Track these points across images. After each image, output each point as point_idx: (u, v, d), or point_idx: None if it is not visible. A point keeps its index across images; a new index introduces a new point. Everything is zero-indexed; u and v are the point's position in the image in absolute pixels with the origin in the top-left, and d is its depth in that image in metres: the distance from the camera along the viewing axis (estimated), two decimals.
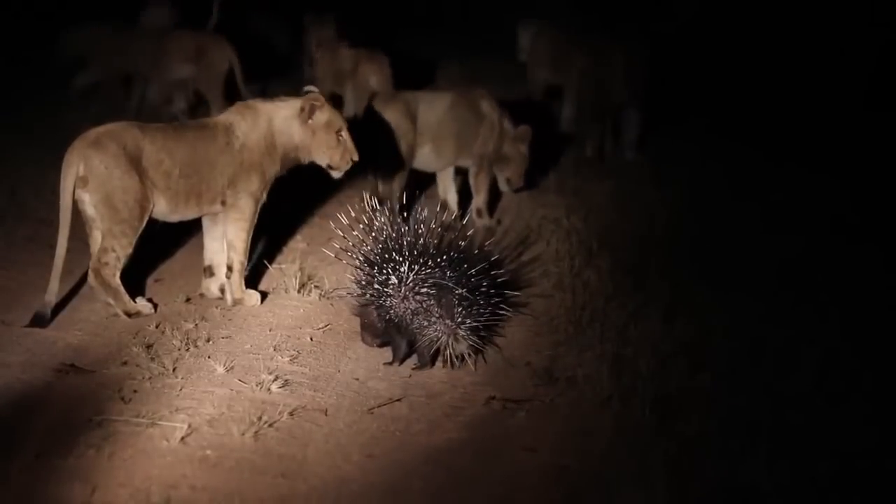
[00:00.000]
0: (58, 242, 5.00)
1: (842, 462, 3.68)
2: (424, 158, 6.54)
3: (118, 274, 5.06)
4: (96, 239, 5.06)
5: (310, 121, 5.23)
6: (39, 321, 5.00)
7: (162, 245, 6.38)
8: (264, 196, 5.34)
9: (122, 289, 5.08)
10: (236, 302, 5.31)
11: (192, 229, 6.62)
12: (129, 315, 5.09)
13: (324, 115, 5.25)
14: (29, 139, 8.06)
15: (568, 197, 6.81)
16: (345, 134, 5.27)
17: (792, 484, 3.59)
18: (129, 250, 5.08)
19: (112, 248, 5.02)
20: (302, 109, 5.24)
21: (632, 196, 6.73)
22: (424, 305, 4.47)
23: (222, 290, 5.39)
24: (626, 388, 4.25)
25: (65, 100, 9.18)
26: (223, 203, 5.26)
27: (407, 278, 4.45)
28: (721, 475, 3.66)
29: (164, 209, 5.18)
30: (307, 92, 5.38)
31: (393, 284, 4.47)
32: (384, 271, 4.47)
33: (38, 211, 6.81)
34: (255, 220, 5.36)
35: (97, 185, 4.97)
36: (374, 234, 4.57)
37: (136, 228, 5.06)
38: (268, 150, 5.28)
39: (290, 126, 5.28)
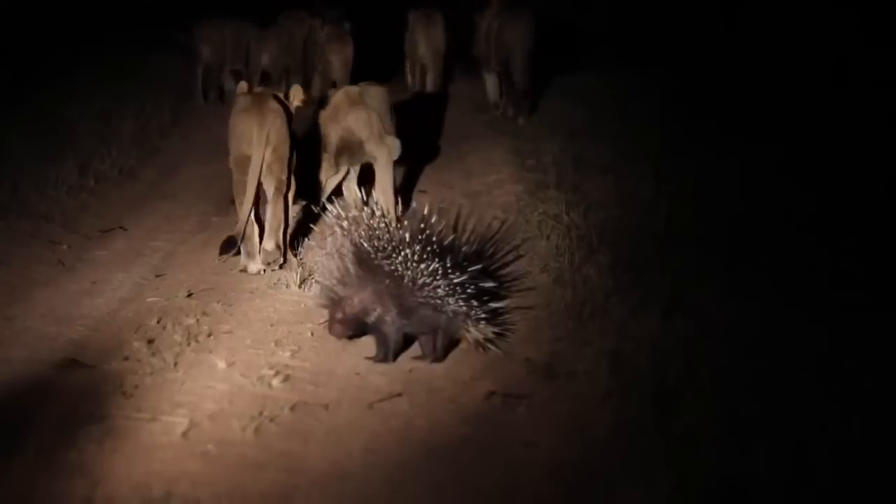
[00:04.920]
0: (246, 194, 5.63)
1: (842, 459, 3.69)
2: None
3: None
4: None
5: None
6: (229, 247, 5.63)
7: (163, 242, 6.40)
8: None
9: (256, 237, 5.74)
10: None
11: (192, 228, 6.65)
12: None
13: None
14: (30, 136, 8.08)
15: (568, 192, 6.81)
16: None
17: (791, 479, 3.59)
18: None
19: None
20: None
21: (632, 192, 6.72)
22: (459, 301, 4.47)
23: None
24: (626, 384, 4.25)
25: (65, 97, 9.20)
26: None
27: (444, 275, 4.43)
28: (721, 470, 3.66)
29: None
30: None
31: (434, 284, 4.44)
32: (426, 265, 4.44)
33: (39, 207, 6.84)
34: None
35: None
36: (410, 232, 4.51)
37: None
38: None
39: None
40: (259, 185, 5.67)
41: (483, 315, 4.53)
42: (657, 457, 3.72)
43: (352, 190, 6.52)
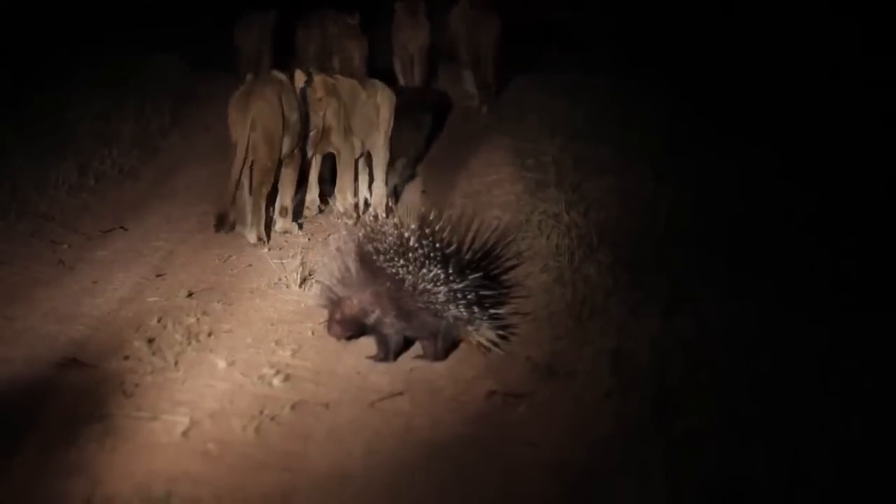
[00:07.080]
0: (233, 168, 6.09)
1: (842, 459, 3.69)
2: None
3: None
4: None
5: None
6: (222, 223, 6.09)
7: (164, 242, 6.40)
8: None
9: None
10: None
11: (192, 228, 6.65)
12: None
13: None
14: (30, 136, 8.07)
15: (568, 192, 6.80)
16: None
17: (791, 479, 3.59)
18: None
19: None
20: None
21: (632, 192, 6.72)
22: (459, 307, 4.47)
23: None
24: (626, 383, 4.25)
25: (65, 97, 9.19)
26: None
27: (449, 281, 4.42)
28: (720, 470, 3.67)
29: None
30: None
31: (439, 290, 4.43)
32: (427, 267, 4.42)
33: (39, 206, 6.84)
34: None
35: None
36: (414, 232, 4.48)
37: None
38: None
39: None
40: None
41: (484, 321, 4.53)
42: (657, 456, 3.73)
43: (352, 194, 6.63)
